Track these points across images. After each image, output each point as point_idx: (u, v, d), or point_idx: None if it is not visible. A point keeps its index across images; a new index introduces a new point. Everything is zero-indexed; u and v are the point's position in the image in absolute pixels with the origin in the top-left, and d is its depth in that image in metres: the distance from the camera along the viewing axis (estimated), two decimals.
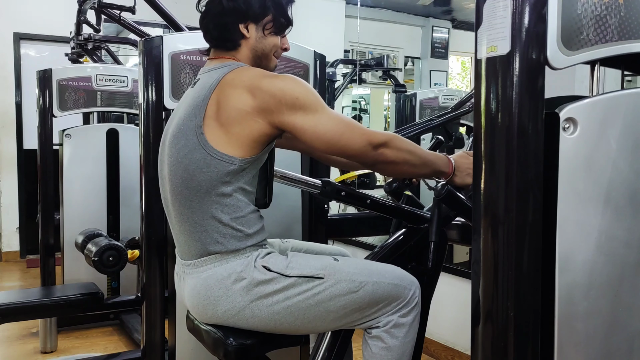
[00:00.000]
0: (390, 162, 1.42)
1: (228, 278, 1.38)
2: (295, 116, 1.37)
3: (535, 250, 0.90)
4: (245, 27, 1.47)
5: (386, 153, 1.40)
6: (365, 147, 1.39)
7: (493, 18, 0.89)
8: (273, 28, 1.50)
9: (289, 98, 1.36)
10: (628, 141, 0.97)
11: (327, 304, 1.39)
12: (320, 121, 1.39)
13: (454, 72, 5.59)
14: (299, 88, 1.39)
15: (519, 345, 0.90)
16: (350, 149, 1.41)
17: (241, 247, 1.40)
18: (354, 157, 1.44)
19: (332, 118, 1.40)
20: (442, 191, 1.49)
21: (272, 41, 1.52)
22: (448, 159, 1.50)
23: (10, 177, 5.30)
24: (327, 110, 1.41)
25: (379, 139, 1.40)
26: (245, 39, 1.48)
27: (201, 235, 1.40)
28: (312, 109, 1.39)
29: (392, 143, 1.41)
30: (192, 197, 1.39)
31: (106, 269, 2.64)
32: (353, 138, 1.39)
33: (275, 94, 1.36)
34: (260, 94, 1.36)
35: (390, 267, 1.51)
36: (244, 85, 1.37)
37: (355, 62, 4.50)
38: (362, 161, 1.44)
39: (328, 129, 1.39)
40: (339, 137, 1.39)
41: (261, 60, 1.52)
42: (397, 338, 1.44)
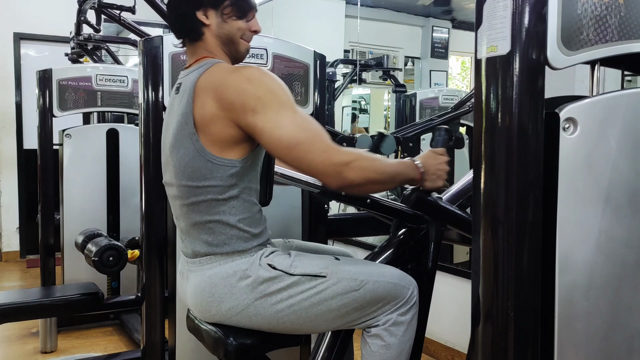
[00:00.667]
0: (355, 185, 1.32)
1: (233, 276, 1.38)
2: (256, 117, 1.30)
3: (535, 250, 0.90)
4: (204, 14, 1.43)
5: (349, 175, 1.29)
6: (324, 166, 1.28)
7: (493, 18, 0.89)
8: (233, 12, 1.45)
9: (252, 97, 1.30)
10: (628, 141, 0.97)
11: (329, 302, 1.40)
12: (279, 124, 1.29)
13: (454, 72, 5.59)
14: (262, 86, 1.31)
15: (519, 345, 0.90)
16: (306, 163, 1.30)
17: (247, 247, 1.40)
18: (311, 174, 1.34)
19: (296, 123, 1.30)
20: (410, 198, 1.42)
21: (235, 25, 1.46)
22: (415, 164, 1.44)
23: (10, 177, 5.30)
24: (293, 114, 1.31)
25: (341, 159, 1.28)
26: (207, 27, 1.44)
27: (208, 238, 1.40)
28: (275, 110, 1.29)
29: (355, 163, 1.30)
30: (200, 203, 1.39)
31: (106, 269, 2.64)
32: (312, 151, 1.28)
33: (239, 93, 1.31)
34: (225, 94, 1.32)
35: (389, 267, 1.52)
36: (211, 88, 1.34)
37: (355, 62, 4.50)
38: (322, 181, 1.34)
39: (285, 134, 1.28)
40: (295, 146, 1.28)
41: (229, 46, 1.48)
42: (395, 336, 1.45)
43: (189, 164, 1.38)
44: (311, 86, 2.13)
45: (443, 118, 3.19)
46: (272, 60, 2.05)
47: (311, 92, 2.13)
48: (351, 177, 1.30)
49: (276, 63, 2.06)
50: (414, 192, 1.44)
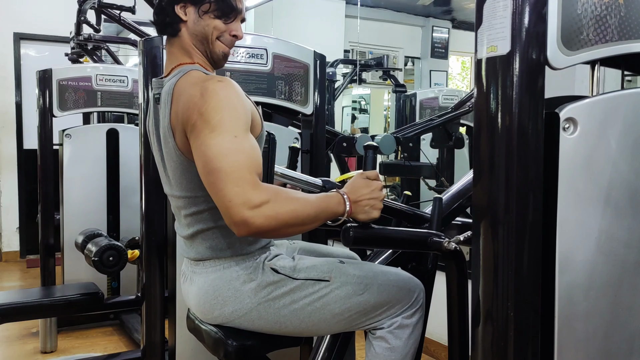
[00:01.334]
0: (265, 232, 1.18)
1: (237, 279, 1.38)
2: (193, 132, 1.24)
3: (535, 250, 0.90)
4: (183, 9, 1.42)
5: (256, 222, 1.15)
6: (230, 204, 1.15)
7: (493, 18, 0.89)
8: (212, 10, 1.42)
9: (196, 113, 1.24)
10: (628, 141, 0.97)
11: (332, 307, 1.39)
12: (207, 143, 1.20)
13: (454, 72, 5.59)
14: (210, 102, 1.23)
15: (519, 345, 0.90)
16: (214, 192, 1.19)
17: (251, 250, 1.40)
18: (219, 209, 1.20)
19: (225, 147, 1.19)
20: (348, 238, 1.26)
21: (212, 24, 1.42)
22: (342, 197, 1.28)
23: (10, 177, 5.30)
24: (229, 136, 1.20)
25: (253, 198, 1.15)
26: (184, 22, 1.42)
27: (212, 243, 1.40)
28: (211, 128, 1.21)
29: (265, 208, 1.16)
30: (202, 212, 1.39)
31: (106, 269, 2.64)
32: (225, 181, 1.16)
33: (189, 107, 1.26)
34: (179, 106, 1.30)
35: (395, 270, 1.51)
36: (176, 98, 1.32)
37: (355, 62, 4.50)
38: (228, 223, 1.19)
39: (207, 154, 1.19)
40: (211, 170, 1.18)
41: (205, 45, 1.44)
42: (400, 339, 1.44)
43: (182, 176, 1.37)
44: (311, 86, 2.13)
45: (443, 118, 3.18)
46: (272, 60, 2.05)
47: (311, 92, 2.13)
48: (259, 224, 1.16)
49: (276, 63, 2.06)
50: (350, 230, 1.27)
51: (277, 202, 1.18)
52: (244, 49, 2.01)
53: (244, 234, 1.18)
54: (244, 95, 1.34)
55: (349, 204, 1.28)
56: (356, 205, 1.29)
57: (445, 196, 1.64)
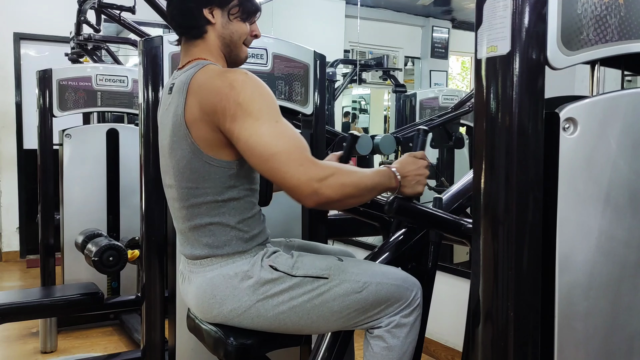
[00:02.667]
0: (331, 202, 1.27)
1: (235, 277, 1.38)
2: (234, 123, 1.27)
3: (535, 250, 0.90)
4: (210, 12, 1.42)
5: (326, 193, 1.24)
6: (298, 181, 1.23)
7: (493, 18, 0.89)
8: (239, 13, 1.44)
9: (232, 103, 1.27)
10: (628, 141, 0.97)
11: (331, 304, 1.40)
12: (256, 132, 1.25)
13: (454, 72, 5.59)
14: (244, 92, 1.27)
15: (519, 345, 0.90)
16: (280, 176, 1.24)
17: (247, 248, 1.40)
18: (285, 189, 1.26)
19: (274, 133, 1.25)
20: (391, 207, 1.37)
21: (240, 28, 1.45)
22: (392, 172, 1.39)
23: (10, 177, 5.30)
24: (273, 123, 1.26)
25: (318, 173, 1.23)
26: (211, 25, 1.43)
27: (209, 239, 1.40)
28: (254, 117, 1.25)
29: (332, 179, 1.24)
30: (200, 205, 1.39)
31: (106, 269, 2.64)
32: (287, 164, 1.23)
33: (221, 98, 1.28)
34: (208, 98, 1.31)
35: (393, 269, 1.51)
36: (196, 90, 1.33)
37: (355, 62, 4.50)
38: (296, 198, 1.26)
39: (261, 144, 1.24)
40: (270, 156, 1.23)
41: (231, 49, 1.46)
42: (398, 338, 1.44)
43: (187, 166, 1.37)
44: (311, 86, 2.13)
45: (443, 118, 3.19)
46: (272, 60, 2.05)
47: (311, 92, 2.13)
48: (327, 194, 1.24)
49: (276, 63, 2.06)
50: (394, 200, 1.38)
51: (340, 174, 1.27)
52: None
53: (313, 204, 1.26)
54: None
55: (399, 178, 1.38)
56: (403, 180, 1.40)
57: (445, 196, 1.64)
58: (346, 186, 1.27)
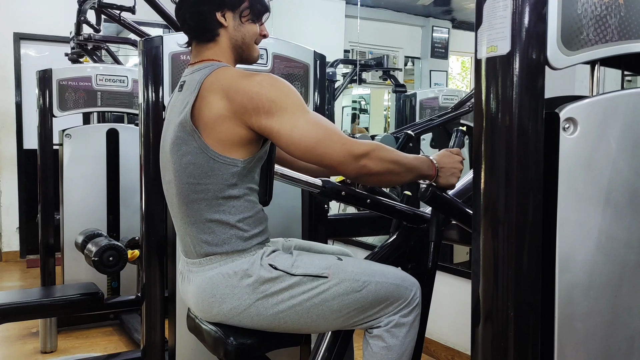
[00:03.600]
0: (374, 174, 1.36)
1: (234, 276, 1.38)
2: (271, 120, 1.33)
3: (535, 250, 0.90)
4: (223, 15, 1.44)
5: (368, 165, 1.34)
6: (344, 158, 1.33)
7: (493, 18, 0.89)
8: (250, 15, 1.47)
9: (266, 101, 1.32)
10: (628, 141, 0.97)
11: (330, 303, 1.40)
12: (296, 125, 1.33)
13: (454, 72, 5.59)
14: (275, 90, 1.34)
15: (519, 345, 0.90)
16: (328, 158, 1.34)
17: (247, 246, 1.40)
18: (332, 168, 1.37)
19: (311, 123, 1.34)
20: (426, 194, 1.46)
21: (251, 29, 1.49)
22: (430, 161, 1.46)
23: (10, 177, 5.30)
24: (307, 114, 1.35)
25: (360, 149, 1.33)
26: (224, 28, 1.45)
27: (208, 237, 1.40)
28: (290, 112, 1.33)
29: (374, 153, 1.34)
30: (199, 202, 1.39)
31: (106, 269, 2.64)
32: (331, 147, 1.33)
33: (252, 97, 1.32)
34: (237, 97, 1.33)
35: (392, 268, 1.52)
36: (222, 88, 1.35)
37: (355, 62, 4.50)
38: (342, 172, 1.38)
39: (304, 135, 1.33)
40: (315, 144, 1.33)
41: (243, 50, 1.49)
42: (397, 337, 1.45)
43: (190, 161, 1.38)
44: (311, 86, 2.13)
45: (443, 118, 3.19)
46: (272, 60, 2.05)
47: (311, 92, 2.13)
48: (370, 166, 1.34)
49: (276, 63, 2.06)
50: (429, 188, 1.47)
51: (381, 150, 1.36)
52: None
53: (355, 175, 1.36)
54: None
55: (437, 167, 1.45)
56: (440, 170, 1.46)
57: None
58: (387, 161, 1.36)
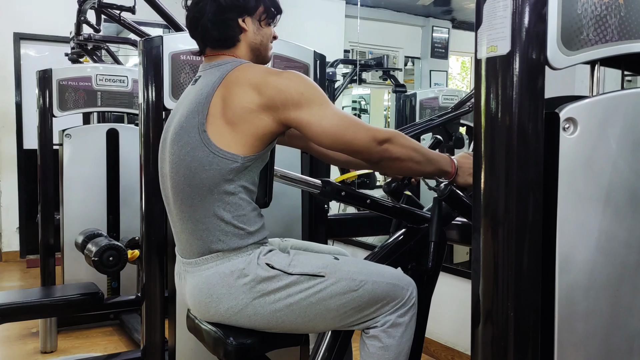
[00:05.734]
0: (396, 159, 1.41)
1: (231, 275, 1.38)
2: (301, 112, 1.38)
3: (535, 250, 0.90)
4: (243, 20, 1.48)
5: (391, 149, 1.39)
6: (370, 143, 1.38)
7: (493, 18, 0.89)
8: (266, 18, 1.52)
9: (295, 94, 1.37)
10: (628, 141, 0.97)
11: (327, 302, 1.40)
12: (325, 115, 1.39)
13: (454, 72, 5.59)
14: (304, 84, 1.40)
15: (519, 345, 0.90)
16: (355, 144, 1.40)
17: (243, 245, 1.40)
18: (358, 153, 1.43)
19: (337, 113, 1.41)
20: (445, 191, 1.49)
21: (268, 32, 1.54)
22: (451, 159, 1.50)
23: (10, 177, 5.29)
24: (331, 106, 1.42)
25: (383, 135, 1.40)
26: (244, 33, 1.49)
27: (203, 234, 1.40)
28: (317, 104, 1.39)
29: (395, 139, 1.40)
30: (194, 195, 1.39)
31: (106, 269, 2.64)
32: (358, 133, 1.39)
33: (282, 90, 1.37)
34: (267, 90, 1.37)
35: (389, 268, 1.52)
36: (250, 82, 1.39)
37: (355, 62, 4.50)
38: (367, 157, 1.43)
39: (334, 124, 1.39)
40: (344, 131, 1.39)
41: (259, 52, 1.54)
42: (394, 337, 1.45)
43: (189, 153, 1.39)
44: None
45: (443, 118, 3.18)
46: (272, 60, 2.05)
47: None
48: (393, 151, 1.40)
49: (276, 63, 2.06)
50: (449, 185, 1.50)
51: (402, 137, 1.42)
52: None
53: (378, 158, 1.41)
54: None
55: (454, 166, 1.49)
56: (459, 170, 1.50)
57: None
58: (408, 148, 1.42)
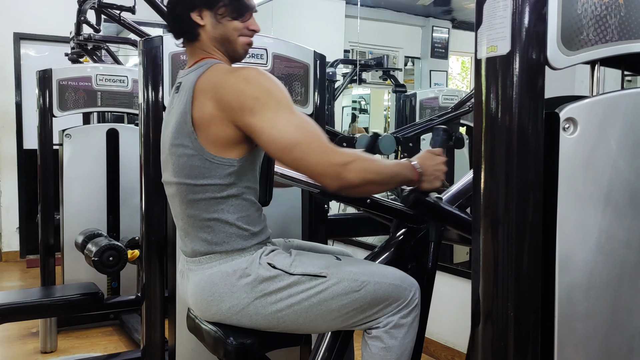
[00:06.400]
0: (354, 187, 1.31)
1: (233, 274, 1.38)
2: (253, 117, 1.29)
3: (535, 250, 0.90)
4: (199, 14, 1.43)
5: (347, 177, 1.28)
6: (322, 167, 1.27)
7: (493, 18, 0.89)
8: (228, 12, 1.44)
9: (250, 98, 1.30)
10: (628, 141, 0.97)
11: (329, 303, 1.40)
12: (278, 123, 1.28)
13: (454, 72, 5.59)
14: (260, 87, 1.31)
15: (519, 345, 0.90)
16: (304, 164, 1.29)
17: (246, 245, 1.40)
18: (309, 175, 1.32)
19: (293, 124, 1.29)
20: (409, 198, 1.43)
21: (231, 26, 1.45)
22: (412, 165, 1.43)
23: (10, 177, 5.29)
24: (292, 115, 1.30)
25: (339, 159, 1.28)
26: (202, 27, 1.44)
27: (208, 236, 1.40)
28: (273, 109, 1.29)
29: (354, 164, 1.29)
30: (199, 201, 1.39)
31: (106, 269, 2.64)
32: (309, 152, 1.27)
33: (237, 94, 1.31)
34: (223, 96, 1.32)
35: (391, 269, 1.51)
36: (209, 88, 1.35)
37: (355, 62, 4.50)
38: (320, 182, 1.31)
39: (283, 134, 1.27)
40: (293, 146, 1.27)
41: (226, 45, 1.47)
42: (396, 338, 1.44)
43: (187, 162, 1.38)
44: (311, 86, 2.13)
45: (443, 118, 3.18)
46: (272, 60, 2.05)
47: (311, 92, 2.13)
48: (349, 178, 1.29)
49: (276, 63, 2.06)
50: (412, 192, 1.44)
51: (362, 160, 1.31)
52: None
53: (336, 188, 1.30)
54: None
55: (418, 172, 1.43)
56: (422, 174, 1.44)
57: (446, 196, 1.64)
58: (368, 172, 1.31)
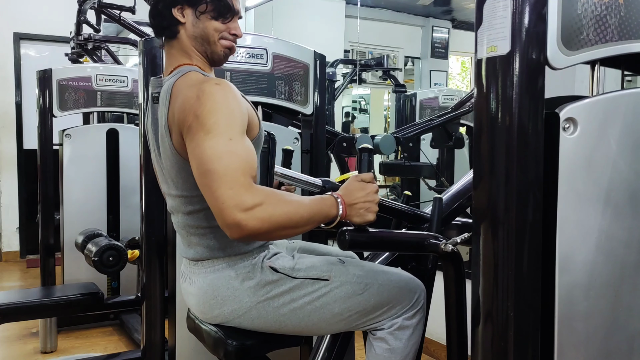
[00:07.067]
0: (259, 235, 1.18)
1: (236, 278, 1.38)
2: (188, 134, 1.24)
3: (535, 250, 0.90)
4: (180, 11, 1.41)
5: (250, 225, 1.15)
6: (223, 206, 1.15)
7: (493, 18, 0.89)
8: (209, 11, 1.41)
9: (191, 115, 1.24)
10: (628, 141, 0.97)
11: (332, 306, 1.39)
12: (203, 146, 1.20)
13: (454, 72, 5.59)
14: (206, 105, 1.23)
15: (519, 345, 0.90)
16: (209, 194, 1.18)
17: (248, 249, 1.40)
18: (212, 211, 1.19)
19: (218, 150, 1.19)
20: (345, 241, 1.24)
21: (211, 25, 1.41)
22: (335, 200, 1.28)
23: (10, 177, 5.30)
24: (223, 139, 1.20)
25: (244, 200, 1.15)
26: (182, 25, 1.41)
27: (210, 242, 1.40)
28: (205, 130, 1.21)
29: (258, 211, 1.16)
30: (198, 211, 1.38)
31: (106, 269, 2.64)
32: (219, 183, 1.16)
33: (184, 109, 1.27)
34: (175, 107, 1.30)
35: (396, 270, 1.50)
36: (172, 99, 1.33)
37: (355, 62, 4.50)
38: (220, 225, 1.18)
39: (201, 157, 1.19)
40: (205, 172, 1.18)
41: (205, 46, 1.43)
42: (401, 340, 1.44)
43: (178, 175, 1.37)
44: (311, 86, 2.13)
45: (443, 118, 3.19)
46: (272, 60, 2.05)
47: (311, 92, 2.13)
48: (252, 226, 1.16)
49: (276, 63, 2.06)
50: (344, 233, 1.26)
51: (270, 204, 1.18)
52: (244, 49, 2.01)
53: (236, 237, 1.18)
54: (241, 97, 1.33)
55: (343, 207, 1.28)
56: (351, 208, 1.29)
57: (445, 196, 1.64)
58: (275, 217, 1.18)
